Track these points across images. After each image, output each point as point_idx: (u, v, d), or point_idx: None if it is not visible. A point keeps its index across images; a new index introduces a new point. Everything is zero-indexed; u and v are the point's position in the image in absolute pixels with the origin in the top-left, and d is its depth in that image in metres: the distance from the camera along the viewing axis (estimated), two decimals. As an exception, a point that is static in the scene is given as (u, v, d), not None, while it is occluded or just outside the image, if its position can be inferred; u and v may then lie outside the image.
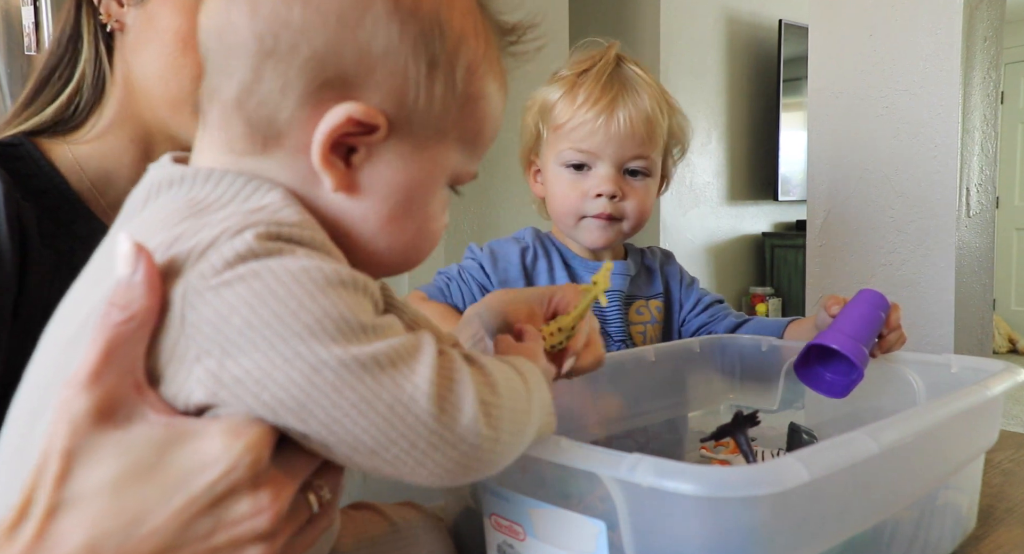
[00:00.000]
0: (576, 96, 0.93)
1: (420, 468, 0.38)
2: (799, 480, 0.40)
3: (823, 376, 0.78)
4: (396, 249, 0.45)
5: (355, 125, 0.41)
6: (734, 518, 0.42)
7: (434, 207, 0.46)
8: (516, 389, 0.42)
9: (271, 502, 0.38)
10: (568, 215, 0.96)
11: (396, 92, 0.42)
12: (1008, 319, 4.80)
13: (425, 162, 0.44)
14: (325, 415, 0.36)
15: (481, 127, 0.47)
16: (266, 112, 0.41)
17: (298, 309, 0.36)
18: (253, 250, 0.37)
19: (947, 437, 0.59)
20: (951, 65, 1.65)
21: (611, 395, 0.78)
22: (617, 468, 0.42)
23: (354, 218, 0.43)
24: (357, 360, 0.36)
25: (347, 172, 0.42)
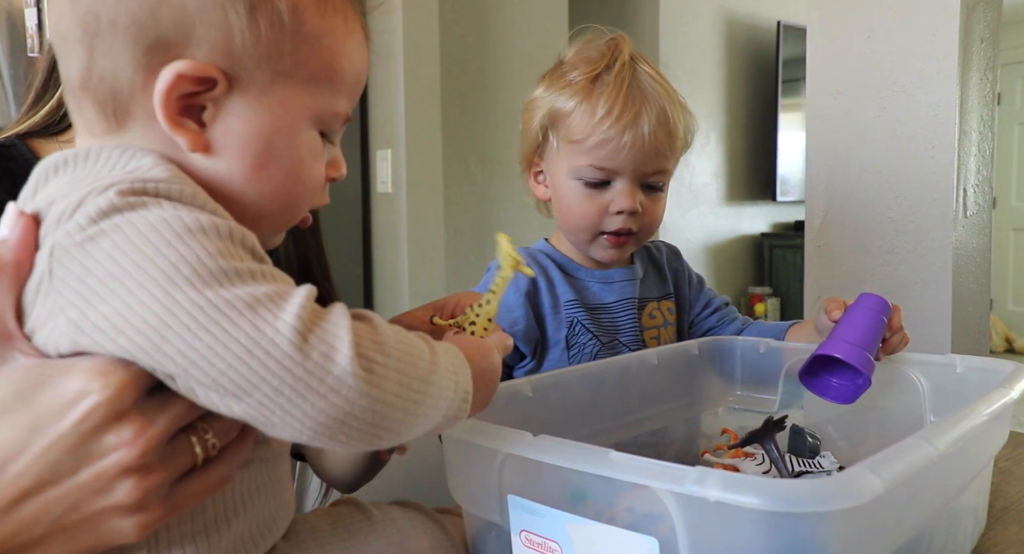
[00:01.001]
0: (595, 108, 0.87)
1: (289, 417, 0.37)
2: (874, 492, 0.39)
3: (829, 382, 0.78)
4: (269, 197, 0.46)
5: (191, 82, 0.42)
6: (802, 533, 0.40)
7: (300, 151, 0.47)
8: (414, 355, 0.41)
9: (134, 436, 0.39)
10: (584, 231, 0.92)
11: (222, 43, 0.43)
12: (1005, 319, 4.81)
13: (274, 107, 0.45)
14: (181, 357, 0.37)
15: (331, 64, 0.47)
16: (108, 88, 0.43)
17: (154, 256, 0.37)
18: (115, 205, 0.38)
19: (980, 439, 0.58)
20: (948, 66, 1.65)
21: (615, 399, 0.78)
22: (681, 482, 0.40)
23: (221, 175, 0.45)
24: (211, 302, 0.37)
25: (200, 131, 0.44)
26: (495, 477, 0.52)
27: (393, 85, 2.22)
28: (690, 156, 4.15)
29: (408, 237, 2.23)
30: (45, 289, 0.39)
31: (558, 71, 0.93)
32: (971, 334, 1.76)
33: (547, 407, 0.70)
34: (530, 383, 0.69)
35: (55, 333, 0.39)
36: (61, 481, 0.38)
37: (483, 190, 2.58)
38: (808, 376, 0.78)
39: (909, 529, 0.48)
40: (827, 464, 0.76)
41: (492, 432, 0.51)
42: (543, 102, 0.92)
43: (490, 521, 0.55)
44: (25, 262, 0.40)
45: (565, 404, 0.73)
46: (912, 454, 0.44)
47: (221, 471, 0.43)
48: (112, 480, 0.39)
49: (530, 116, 0.94)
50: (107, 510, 0.39)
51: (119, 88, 0.43)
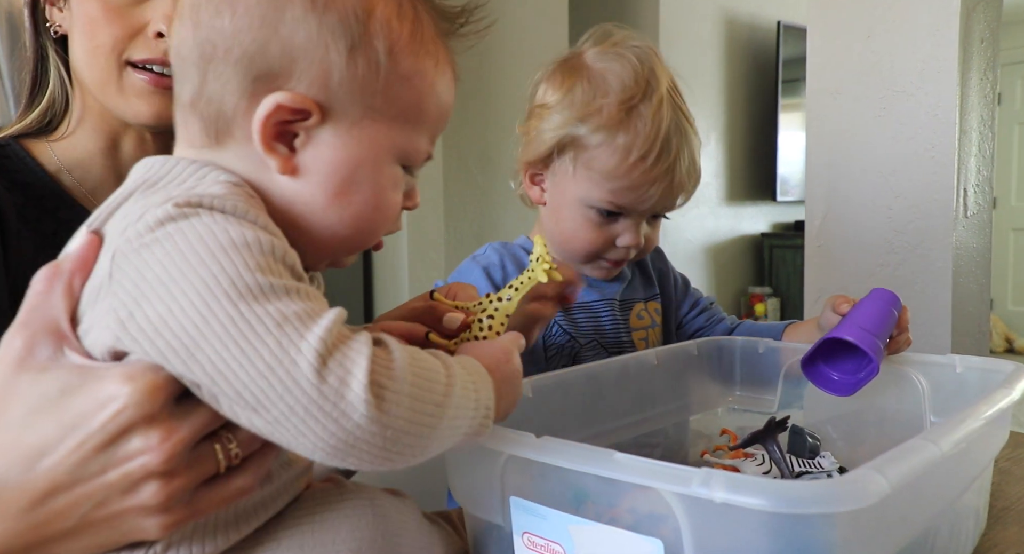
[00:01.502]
0: (628, 149, 0.81)
1: (301, 437, 0.39)
2: (881, 492, 0.39)
3: (830, 376, 0.77)
4: (347, 222, 0.49)
5: (288, 112, 0.46)
6: (808, 534, 0.40)
7: (382, 183, 0.50)
8: (428, 380, 0.42)
9: (161, 441, 0.41)
10: (585, 256, 0.89)
11: (321, 78, 0.46)
12: (1005, 319, 4.81)
13: (363, 140, 0.48)
14: (210, 365, 0.39)
15: (419, 104, 0.50)
16: (214, 109, 0.47)
17: (198, 265, 0.40)
18: (171, 215, 0.41)
19: (982, 439, 0.59)
20: (948, 66, 1.66)
21: (614, 399, 0.78)
22: (687, 483, 0.40)
23: (303, 197, 0.48)
24: (243, 315, 0.39)
25: (290, 156, 0.47)
26: (497, 478, 0.52)
27: (393, 85, 2.22)
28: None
29: (408, 237, 2.23)
30: (104, 291, 0.42)
31: (583, 82, 0.84)
32: (971, 334, 1.76)
33: (547, 408, 0.70)
34: (530, 384, 0.69)
35: (104, 333, 0.42)
36: (91, 479, 0.41)
37: (483, 190, 2.58)
38: (810, 367, 0.78)
39: (913, 530, 0.48)
40: (827, 464, 0.76)
41: (494, 433, 0.51)
42: (563, 118, 0.84)
43: (492, 523, 0.55)
44: (82, 272, 0.44)
45: (565, 405, 0.73)
46: (917, 455, 0.44)
47: (243, 481, 0.45)
48: (138, 481, 0.41)
49: (542, 125, 0.86)
50: (133, 509, 0.42)
51: (224, 110, 0.47)
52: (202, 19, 0.47)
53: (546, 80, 0.89)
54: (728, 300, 4.01)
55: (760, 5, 3.93)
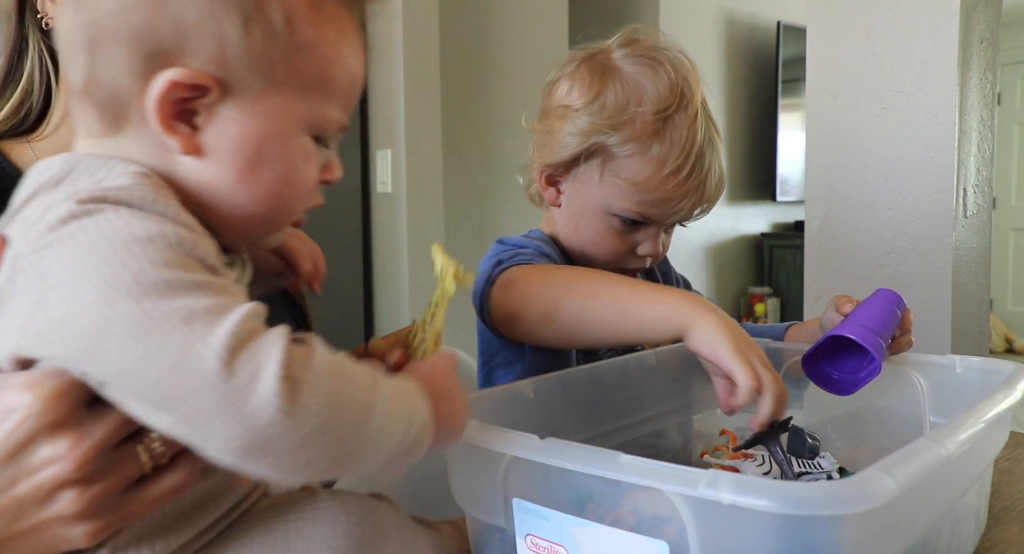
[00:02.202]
0: (663, 161, 0.79)
1: (211, 437, 0.37)
2: (889, 494, 0.39)
3: (830, 375, 0.77)
4: (259, 200, 0.47)
5: (184, 89, 0.44)
6: (815, 536, 0.40)
7: (291, 156, 0.48)
8: (351, 381, 0.40)
9: (70, 448, 0.39)
10: (603, 264, 0.87)
11: (216, 53, 0.44)
12: (1004, 319, 4.81)
13: (267, 113, 0.46)
14: (113, 365, 0.38)
15: (324, 73, 0.48)
16: (107, 93, 0.45)
17: (99, 263, 0.38)
18: (73, 212, 0.40)
19: (985, 439, 0.59)
20: (948, 66, 1.65)
21: (614, 400, 0.78)
22: (694, 485, 0.40)
23: (210, 177, 0.46)
24: (147, 312, 0.37)
25: (192, 135, 0.45)
26: (500, 481, 0.52)
27: (393, 85, 2.22)
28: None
29: (408, 237, 2.23)
30: (8, 296, 0.40)
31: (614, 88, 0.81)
32: (971, 334, 1.76)
33: (547, 408, 0.70)
34: (531, 384, 0.69)
35: (6, 340, 0.40)
36: (0, 493, 0.39)
37: (483, 190, 2.58)
38: (811, 366, 0.78)
39: (917, 531, 0.49)
40: (827, 465, 0.76)
41: (497, 435, 0.51)
42: (592, 124, 0.80)
43: (494, 525, 0.54)
44: None
45: (565, 405, 0.73)
46: (923, 456, 0.44)
47: (175, 478, 0.44)
48: (52, 492, 0.40)
49: (566, 127, 0.82)
50: (52, 520, 0.40)
51: (117, 94, 0.45)
52: (84, 1, 0.45)
53: (568, 77, 0.85)
54: (728, 300, 4.01)
55: (760, 5, 3.94)
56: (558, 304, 0.68)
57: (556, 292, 0.69)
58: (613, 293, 0.67)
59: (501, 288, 0.74)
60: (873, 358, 0.72)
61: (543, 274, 0.73)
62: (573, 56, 0.87)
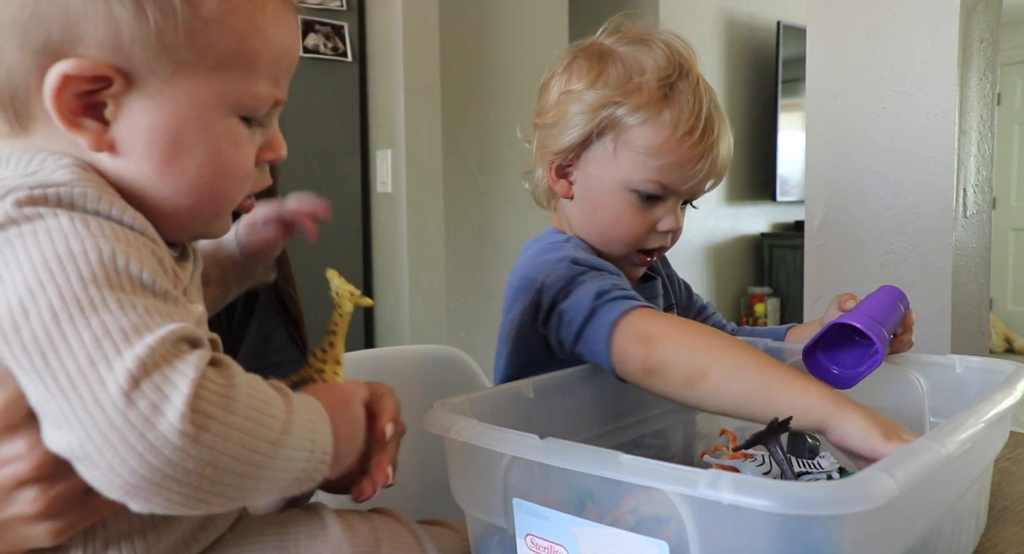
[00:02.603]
0: (675, 125, 0.79)
1: (96, 468, 0.35)
2: (889, 494, 0.39)
3: (829, 370, 0.77)
4: (186, 190, 0.44)
5: (83, 81, 0.41)
6: (816, 536, 0.40)
7: (216, 141, 0.44)
8: (264, 412, 0.38)
9: (29, 448, 0.39)
10: (624, 246, 0.85)
11: (111, 39, 0.41)
12: (1004, 319, 4.81)
13: (179, 98, 0.43)
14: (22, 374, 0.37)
15: (240, 47, 0.44)
16: (5, 92, 0.42)
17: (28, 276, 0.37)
18: (11, 217, 0.38)
19: (985, 439, 0.59)
20: (948, 66, 1.65)
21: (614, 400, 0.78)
22: (694, 485, 0.40)
23: (130, 173, 0.43)
24: (61, 329, 0.36)
25: (102, 130, 0.42)
26: (500, 480, 0.52)
27: (393, 85, 2.22)
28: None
29: (408, 237, 2.23)
30: None
31: (614, 66, 0.82)
32: (971, 334, 1.76)
33: (547, 408, 0.70)
34: (532, 384, 0.69)
35: None
36: None
37: (483, 190, 2.58)
38: (811, 359, 0.77)
39: (918, 531, 0.49)
40: (826, 465, 0.76)
41: (497, 435, 0.51)
42: (598, 99, 0.81)
43: (494, 525, 0.54)
44: None
45: (564, 406, 0.73)
46: (924, 456, 0.44)
47: None
48: (10, 491, 0.39)
49: (573, 109, 0.82)
50: (13, 519, 0.40)
51: (15, 91, 0.42)
52: None
53: (564, 71, 0.86)
54: (728, 300, 4.01)
55: (760, 5, 3.94)
56: (704, 373, 0.67)
57: (703, 361, 0.68)
58: (759, 373, 0.66)
59: (638, 340, 0.71)
60: (875, 347, 0.72)
61: (689, 335, 0.71)
62: (560, 57, 0.88)
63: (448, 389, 0.92)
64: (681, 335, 0.70)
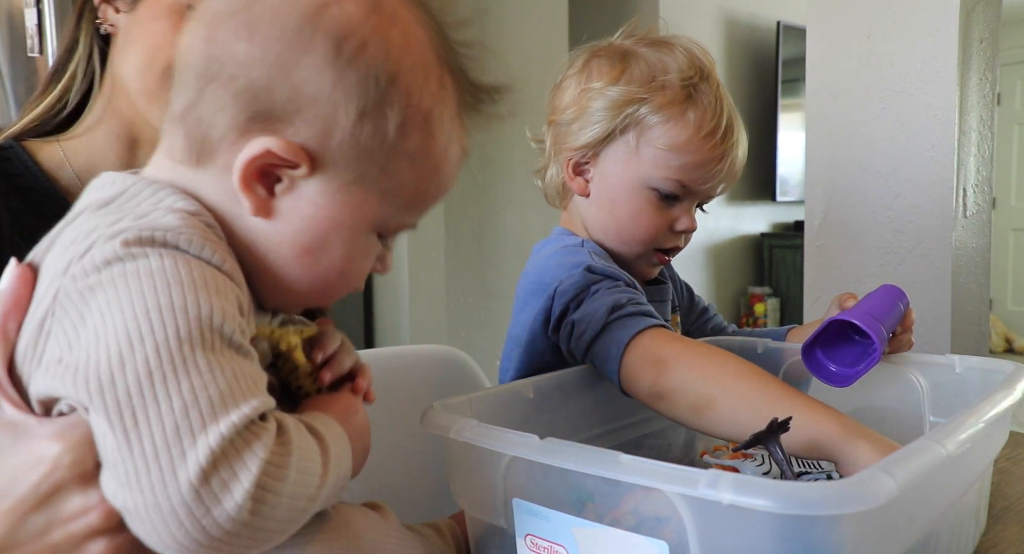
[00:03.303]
0: (700, 122, 0.81)
1: (163, 533, 0.36)
2: (889, 494, 0.39)
3: (828, 368, 0.77)
4: (306, 281, 0.47)
5: (276, 158, 0.43)
6: (816, 536, 0.40)
7: (354, 251, 0.47)
8: (308, 473, 0.40)
9: (100, 500, 0.39)
10: (642, 244, 0.86)
11: (322, 133, 0.44)
12: (1004, 319, 4.82)
13: (346, 204, 0.46)
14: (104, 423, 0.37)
15: (416, 184, 0.48)
16: (202, 130, 0.45)
17: (131, 321, 0.37)
18: (118, 255, 0.39)
19: (985, 439, 0.59)
20: (948, 67, 1.66)
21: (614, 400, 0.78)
22: (694, 485, 0.40)
23: (269, 243, 0.46)
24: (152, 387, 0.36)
25: (267, 199, 0.45)
26: (500, 480, 0.52)
27: (393, 85, 2.22)
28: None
29: (408, 237, 2.24)
30: (45, 330, 0.40)
31: (638, 66, 0.83)
32: (970, 334, 1.76)
33: (547, 409, 0.70)
34: (531, 384, 0.69)
35: (39, 373, 0.40)
36: (33, 540, 0.40)
37: (483, 190, 2.58)
38: (810, 357, 0.77)
39: (918, 531, 0.49)
40: (826, 465, 0.76)
41: (497, 435, 0.51)
42: (621, 96, 0.82)
43: (494, 525, 0.54)
44: (16, 313, 0.41)
45: (564, 406, 0.73)
46: (923, 455, 0.44)
47: None
48: (83, 540, 0.40)
49: (594, 106, 0.83)
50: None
51: (211, 135, 0.44)
52: (218, 35, 0.44)
53: (582, 70, 0.86)
54: (728, 300, 4.02)
55: (760, 5, 3.94)
56: (713, 401, 0.67)
57: (713, 390, 0.67)
58: (769, 404, 0.65)
59: (649, 363, 0.70)
60: (873, 343, 0.72)
61: (701, 362, 0.70)
62: (576, 56, 0.89)
63: (448, 389, 0.92)
64: (693, 361, 0.69)
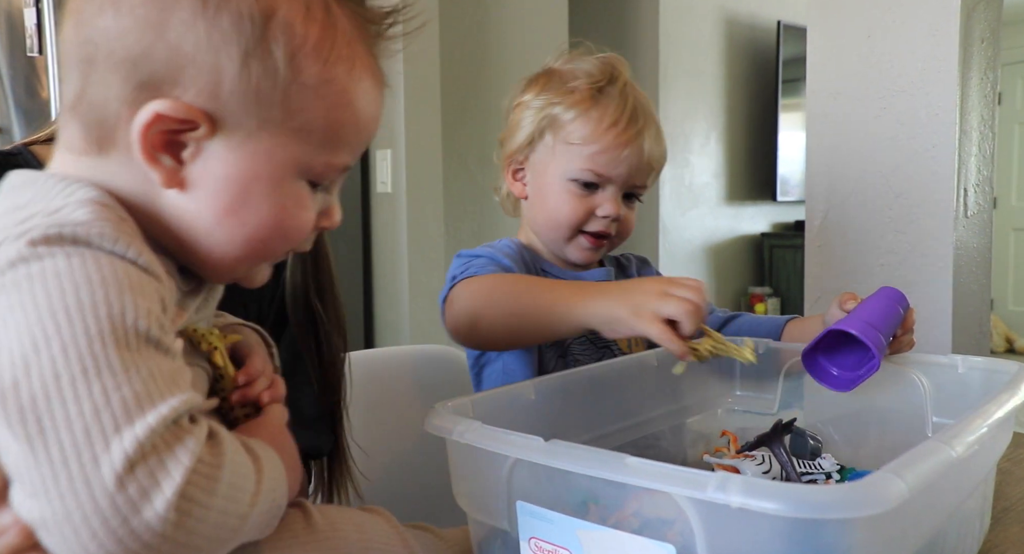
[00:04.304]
0: (601, 117, 0.91)
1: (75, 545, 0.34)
2: (901, 496, 0.38)
3: (829, 371, 0.77)
4: (239, 244, 0.45)
5: (171, 122, 0.42)
6: (826, 539, 0.39)
7: (282, 202, 0.45)
8: (241, 489, 0.38)
9: (16, 518, 0.37)
10: (567, 228, 0.95)
11: (210, 87, 0.42)
12: (1005, 319, 4.81)
13: (257, 155, 0.44)
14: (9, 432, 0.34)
15: (328, 116, 0.45)
16: (95, 115, 0.43)
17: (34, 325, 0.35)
18: (23, 256, 0.37)
19: (991, 440, 0.58)
20: (949, 66, 1.65)
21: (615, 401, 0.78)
22: (703, 488, 0.40)
23: (192, 216, 0.44)
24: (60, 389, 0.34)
25: (177, 168, 0.43)
26: (503, 483, 0.52)
27: (393, 85, 2.22)
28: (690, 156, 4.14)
29: (408, 237, 2.23)
30: None
31: (555, 77, 0.96)
32: (972, 334, 1.76)
33: (548, 410, 0.70)
34: (532, 386, 0.69)
35: None
36: None
37: (483, 190, 2.58)
38: (810, 361, 0.77)
39: (926, 533, 0.48)
40: (827, 466, 0.76)
41: (502, 437, 0.51)
42: (540, 104, 0.95)
43: (497, 528, 0.54)
44: None
45: (566, 407, 0.73)
46: (933, 457, 0.44)
47: None
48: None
49: (521, 116, 0.97)
50: None
51: (105, 117, 0.43)
52: (85, 17, 0.43)
53: (519, 93, 1.00)
54: (728, 300, 4.01)
55: (760, 5, 3.93)
56: (481, 315, 0.78)
57: (478, 305, 0.79)
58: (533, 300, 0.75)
59: (448, 307, 0.84)
60: (873, 355, 0.72)
61: (471, 287, 0.81)
62: (517, 85, 1.01)
63: (448, 389, 0.92)
64: (468, 289, 0.81)
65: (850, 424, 0.83)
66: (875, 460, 0.77)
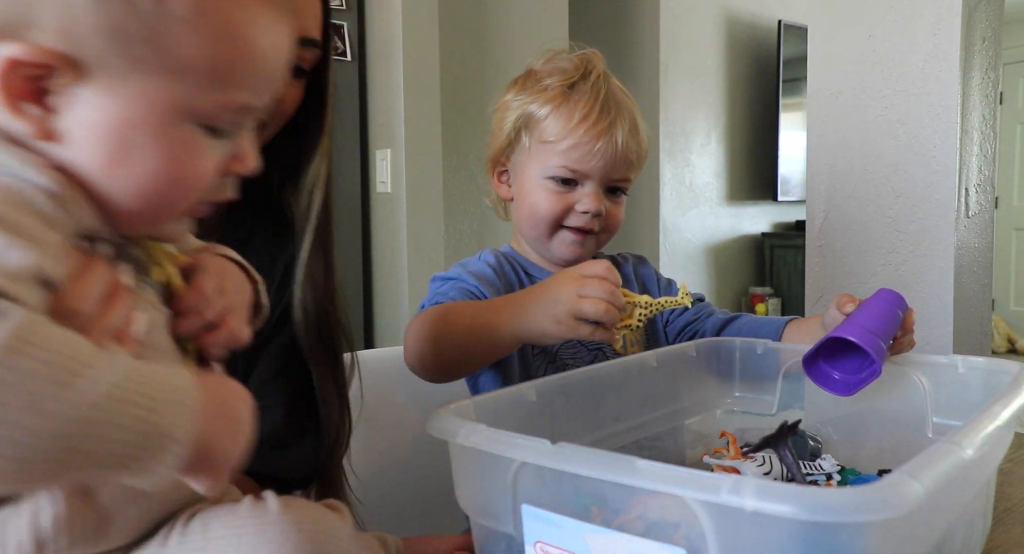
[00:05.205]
0: (572, 113, 0.91)
1: None
2: (917, 499, 0.38)
3: (831, 375, 0.77)
4: (132, 194, 0.42)
5: (28, 67, 0.39)
6: (840, 542, 0.39)
7: (170, 149, 0.42)
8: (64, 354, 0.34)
9: None
10: (546, 224, 0.94)
11: (67, 26, 0.39)
12: (1007, 319, 4.81)
13: (133, 99, 0.40)
14: None
15: (212, 52, 0.41)
16: None
17: None
18: None
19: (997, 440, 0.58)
20: (950, 66, 1.65)
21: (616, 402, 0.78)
22: (716, 491, 0.39)
23: (78, 165, 0.41)
24: None
25: (44, 118, 0.40)
26: (508, 486, 0.51)
27: (393, 85, 2.22)
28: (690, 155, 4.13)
29: (408, 237, 2.23)
30: None
31: (532, 77, 0.96)
32: (973, 334, 1.75)
33: (549, 411, 0.70)
34: (534, 387, 0.69)
35: None
36: None
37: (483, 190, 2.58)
38: (811, 365, 0.77)
39: (936, 535, 0.48)
40: (828, 466, 0.76)
41: (507, 440, 0.50)
42: (517, 104, 0.96)
43: (502, 532, 0.53)
44: None
45: (567, 408, 0.73)
46: (947, 459, 0.43)
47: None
48: None
49: (502, 117, 0.98)
50: None
51: None
52: None
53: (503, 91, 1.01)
54: (729, 300, 4.01)
55: (761, 4, 3.93)
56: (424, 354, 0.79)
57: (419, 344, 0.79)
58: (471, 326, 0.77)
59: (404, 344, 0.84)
60: (873, 360, 0.72)
61: (414, 324, 0.82)
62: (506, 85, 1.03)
63: (447, 390, 0.92)
64: (413, 327, 0.81)
65: (850, 425, 0.83)
66: (875, 461, 0.77)
